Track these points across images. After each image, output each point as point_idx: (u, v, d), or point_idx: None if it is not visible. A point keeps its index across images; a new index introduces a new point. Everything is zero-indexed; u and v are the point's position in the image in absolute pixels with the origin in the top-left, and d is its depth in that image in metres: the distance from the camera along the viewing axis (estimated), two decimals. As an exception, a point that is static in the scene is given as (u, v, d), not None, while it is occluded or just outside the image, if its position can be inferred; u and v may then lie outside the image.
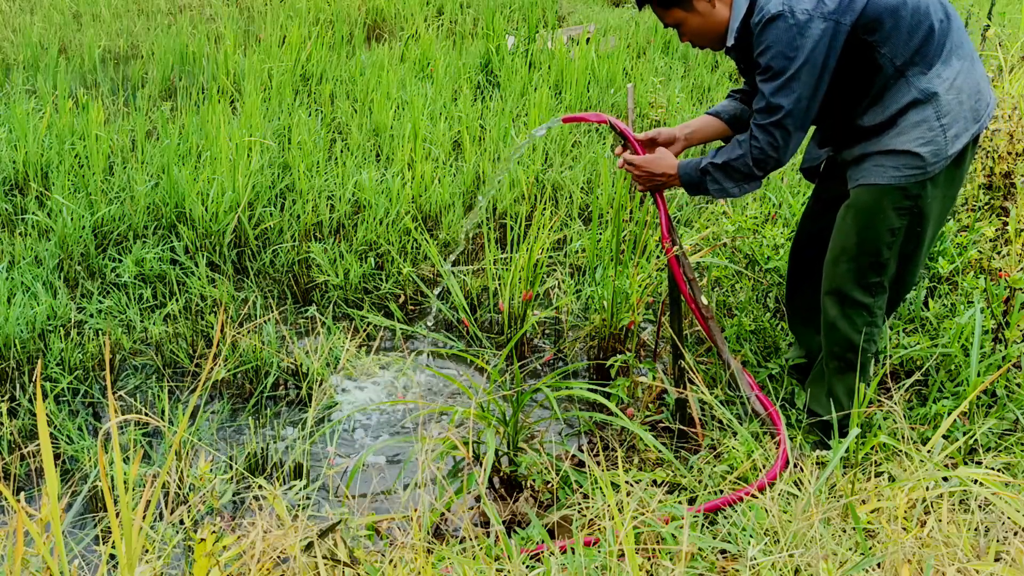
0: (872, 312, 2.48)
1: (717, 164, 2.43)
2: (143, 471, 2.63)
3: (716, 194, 2.47)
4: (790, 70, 2.24)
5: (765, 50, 2.28)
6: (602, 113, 2.79)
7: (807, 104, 2.28)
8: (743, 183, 2.42)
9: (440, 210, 4.25)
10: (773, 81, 2.28)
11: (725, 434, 2.49)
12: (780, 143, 2.32)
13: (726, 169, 2.42)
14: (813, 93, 2.27)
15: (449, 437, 2.35)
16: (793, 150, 2.36)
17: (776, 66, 2.26)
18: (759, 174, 2.40)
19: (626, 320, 3.18)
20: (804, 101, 2.27)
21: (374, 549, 2.06)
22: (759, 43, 2.30)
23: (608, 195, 4.11)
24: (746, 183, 2.43)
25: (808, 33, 2.22)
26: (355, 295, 3.71)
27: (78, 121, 4.55)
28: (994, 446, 2.45)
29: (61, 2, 7.21)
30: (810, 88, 2.25)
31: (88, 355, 3.16)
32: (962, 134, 2.30)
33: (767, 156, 2.34)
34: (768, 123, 2.31)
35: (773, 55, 2.26)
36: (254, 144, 4.37)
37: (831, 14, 2.22)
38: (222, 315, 3.34)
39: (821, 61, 2.23)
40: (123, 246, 3.82)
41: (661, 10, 2.46)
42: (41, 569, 1.64)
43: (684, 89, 5.93)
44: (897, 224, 2.36)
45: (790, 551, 1.80)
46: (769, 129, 2.31)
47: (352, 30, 6.82)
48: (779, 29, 2.24)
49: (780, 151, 2.34)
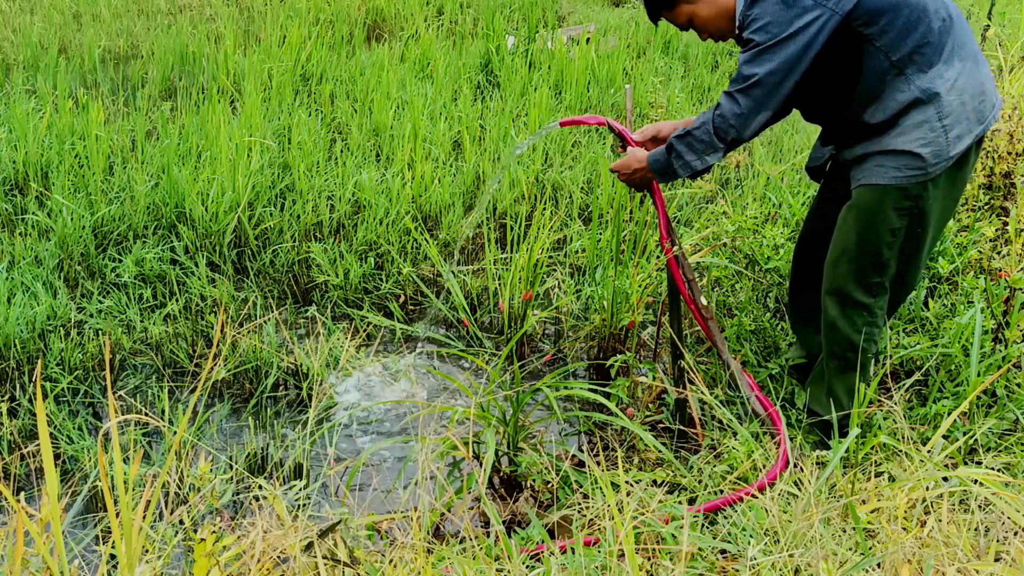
0: (872, 312, 2.47)
1: (681, 135, 2.41)
2: (143, 471, 2.63)
3: (681, 170, 2.44)
4: (770, 42, 2.24)
5: (751, 23, 2.28)
6: (600, 115, 2.79)
7: (779, 79, 2.25)
8: (704, 154, 2.39)
9: (440, 210, 4.25)
10: (751, 51, 2.28)
11: (725, 434, 2.49)
12: (744, 111, 2.29)
13: (688, 140, 2.40)
14: (788, 71, 2.25)
15: (449, 437, 2.35)
16: (756, 127, 2.33)
17: (758, 39, 2.26)
18: (720, 145, 2.37)
19: (626, 320, 3.18)
20: (777, 75, 2.25)
21: (374, 549, 2.06)
22: (747, 17, 2.30)
23: (608, 195, 4.11)
24: (707, 154, 2.39)
25: (796, 10, 2.22)
26: (355, 295, 3.71)
27: (78, 121, 4.55)
28: (994, 446, 2.45)
29: (61, 2, 7.21)
30: (786, 65, 2.24)
31: (88, 355, 3.16)
32: (965, 135, 2.29)
33: (728, 125, 2.32)
34: (735, 90, 2.30)
35: (757, 28, 2.26)
36: (254, 144, 4.37)
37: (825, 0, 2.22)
38: (222, 315, 3.34)
39: (804, 41, 2.22)
40: (123, 246, 3.82)
41: (670, 13, 2.47)
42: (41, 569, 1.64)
43: (684, 89, 5.93)
44: (897, 224, 2.36)
45: (790, 551, 1.80)
46: (735, 96, 2.30)
47: (352, 30, 6.82)
48: (769, 3, 2.25)
49: (741, 120, 2.31)
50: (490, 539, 2.03)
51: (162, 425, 2.36)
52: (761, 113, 2.31)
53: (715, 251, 3.49)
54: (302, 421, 2.98)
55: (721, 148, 2.38)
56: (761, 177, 4.34)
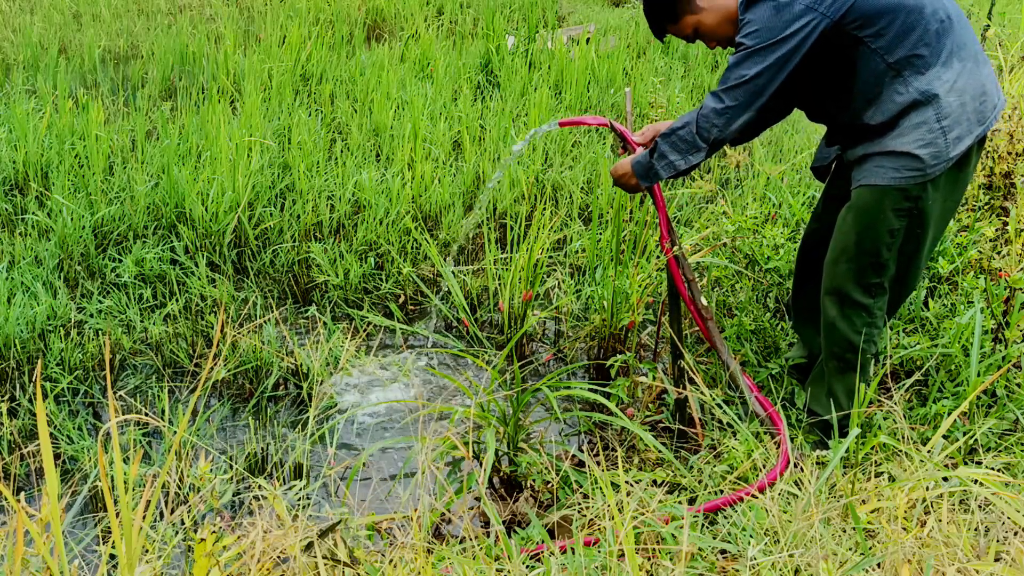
0: (872, 313, 2.47)
1: (666, 135, 2.42)
2: (143, 471, 2.63)
3: (664, 171, 2.43)
4: (759, 45, 2.25)
5: (744, 27, 2.29)
6: (601, 116, 2.79)
7: (765, 81, 2.26)
8: (688, 154, 2.39)
9: (440, 210, 4.25)
10: (740, 53, 2.29)
11: (725, 434, 2.49)
12: (728, 110, 2.30)
13: (672, 139, 2.40)
14: (775, 73, 2.26)
15: (449, 437, 2.35)
16: (739, 126, 2.34)
17: (748, 43, 2.28)
18: (702, 144, 2.37)
19: (626, 320, 3.18)
20: (763, 77, 2.26)
21: (374, 549, 2.06)
22: (741, 21, 2.31)
23: (608, 195, 4.11)
24: (690, 154, 2.39)
25: (788, 14, 2.23)
26: (355, 295, 3.71)
27: (78, 121, 4.55)
28: (994, 446, 2.45)
29: (61, 2, 7.21)
30: (773, 67, 2.25)
31: (88, 355, 3.16)
32: (965, 136, 2.28)
33: (711, 123, 2.32)
34: (721, 88, 2.31)
35: (749, 33, 2.28)
36: (254, 144, 4.37)
37: (816, 3, 2.23)
38: (222, 315, 3.34)
39: (793, 44, 2.23)
40: (123, 246, 3.82)
41: (675, 26, 2.48)
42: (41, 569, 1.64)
43: (684, 89, 5.92)
44: (897, 225, 2.36)
45: (790, 551, 1.80)
46: (720, 94, 2.31)
47: (352, 30, 6.82)
48: (761, 8, 2.27)
49: (725, 119, 2.31)
50: (490, 539, 2.03)
51: (162, 425, 2.36)
52: (745, 113, 2.31)
53: (715, 251, 3.49)
54: (302, 421, 2.98)
55: (704, 147, 2.38)
56: (761, 177, 4.34)
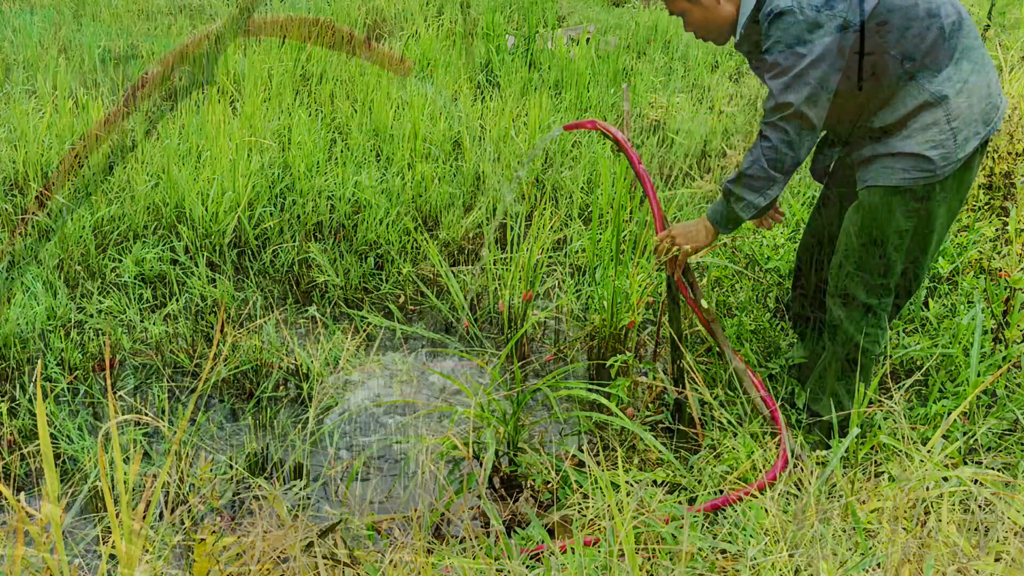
0: (876, 314, 2.47)
1: (734, 180, 2.39)
2: (143, 471, 2.63)
3: (745, 212, 2.40)
4: (799, 67, 2.22)
5: (773, 45, 2.26)
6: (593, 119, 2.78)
7: (817, 101, 2.25)
8: (766, 190, 2.36)
9: (440, 210, 4.25)
10: (782, 78, 2.26)
11: (725, 434, 2.49)
12: (794, 138, 2.28)
13: (745, 181, 2.37)
14: (822, 90, 2.24)
15: (449, 437, 2.35)
16: (809, 146, 2.32)
17: (784, 63, 2.25)
18: (777, 176, 2.34)
19: (626, 320, 3.18)
20: (815, 98, 2.25)
21: (374, 549, 2.06)
22: (768, 38, 2.28)
23: (608, 195, 4.10)
24: (768, 189, 2.36)
25: (817, 30, 2.21)
26: (355, 295, 3.71)
27: (78, 121, 4.55)
28: (994, 446, 2.45)
29: (61, 2, 7.21)
30: (820, 85, 2.23)
31: (88, 355, 3.16)
32: (972, 138, 2.28)
33: (782, 154, 2.30)
34: (778, 119, 2.28)
35: (781, 51, 2.25)
36: (254, 144, 4.37)
37: (841, 12, 2.21)
38: (222, 315, 3.34)
39: (830, 59, 2.22)
40: (123, 246, 3.82)
41: None
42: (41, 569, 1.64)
43: (684, 89, 5.93)
44: (904, 226, 2.36)
45: (790, 551, 1.80)
46: (780, 125, 2.28)
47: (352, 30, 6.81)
48: (787, 24, 2.23)
49: (795, 147, 2.29)
50: (490, 539, 2.03)
51: (162, 425, 2.36)
52: (809, 134, 2.29)
53: (715, 251, 3.49)
54: (302, 421, 2.98)
55: (780, 179, 2.35)
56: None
